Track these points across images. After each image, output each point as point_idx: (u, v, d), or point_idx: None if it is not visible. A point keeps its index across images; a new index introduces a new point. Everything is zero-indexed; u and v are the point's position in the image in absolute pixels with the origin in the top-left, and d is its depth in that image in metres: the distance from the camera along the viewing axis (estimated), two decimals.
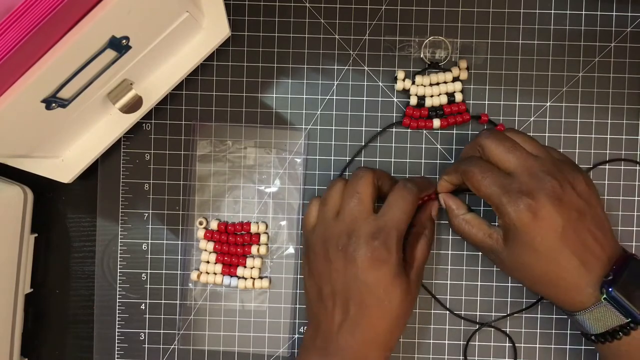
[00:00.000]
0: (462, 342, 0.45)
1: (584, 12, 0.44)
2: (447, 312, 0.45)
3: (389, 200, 0.39)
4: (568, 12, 0.44)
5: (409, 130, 0.45)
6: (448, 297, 0.45)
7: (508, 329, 0.44)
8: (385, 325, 0.38)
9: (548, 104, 0.44)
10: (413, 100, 0.44)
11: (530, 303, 0.44)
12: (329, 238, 0.39)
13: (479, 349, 0.45)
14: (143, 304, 0.45)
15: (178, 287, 0.45)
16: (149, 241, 0.45)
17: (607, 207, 0.44)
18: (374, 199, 0.39)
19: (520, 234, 0.36)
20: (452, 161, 0.45)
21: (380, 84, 0.45)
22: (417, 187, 0.40)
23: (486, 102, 0.44)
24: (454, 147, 0.45)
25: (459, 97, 0.44)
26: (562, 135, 0.44)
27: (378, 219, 0.38)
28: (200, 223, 0.45)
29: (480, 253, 0.44)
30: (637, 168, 0.44)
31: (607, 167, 0.44)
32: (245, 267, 0.44)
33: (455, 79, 0.44)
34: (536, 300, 0.44)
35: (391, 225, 0.38)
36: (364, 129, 0.45)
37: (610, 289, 0.35)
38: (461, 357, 0.45)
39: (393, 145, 0.45)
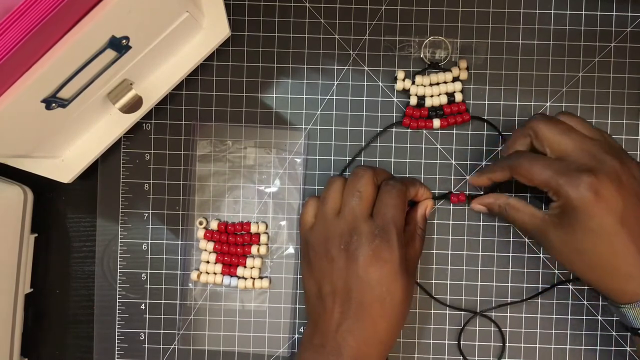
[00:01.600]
0: (462, 342, 0.45)
1: (584, 12, 0.44)
2: (447, 312, 0.45)
3: (378, 201, 0.39)
4: (568, 12, 0.44)
5: (409, 130, 0.45)
6: (448, 297, 0.45)
7: (508, 329, 0.44)
8: (386, 324, 0.38)
9: (548, 104, 0.44)
10: (413, 100, 0.44)
11: (530, 300, 0.44)
12: (330, 237, 0.39)
13: (478, 348, 0.45)
14: (143, 304, 0.45)
15: (178, 287, 0.45)
16: (149, 241, 0.45)
17: None
18: (374, 197, 0.40)
19: (579, 214, 0.35)
20: (452, 161, 0.45)
21: (380, 84, 0.45)
22: (400, 182, 0.40)
23: (486, 102, 0.44)
24: (454, 147, 0.45)
25: (459, 97, 0.44)
26: None
27: (376, 218, 0.38)
28: (200, 223, 0.45)
29: (479, 253, 0.44)
30: None
31: None
32: (245, 267, 0.44)
33: (455, 79, 0.44)
34: (535, 294, 0.44)
35: (388, 221, 0.38)
36: (364, 129, 0.45)
37: None
38: (460, 358, 0.45)
39: (393, 145, 0.45)
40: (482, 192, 0.44)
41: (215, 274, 0.44)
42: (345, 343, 0.37)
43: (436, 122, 0.44)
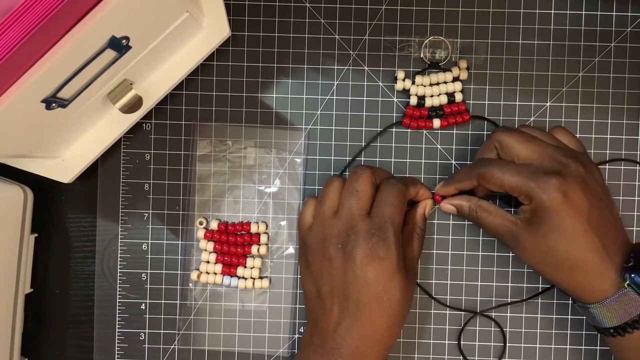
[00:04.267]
0: (462, 342, 0.45)
1: (584, 12, 0.44)
2: (447, 312, 0.45)
3: (377, 199, 0.39)
4: (568, 12, 0.44)
5: (409, 130, 0.45)
6: (448, 297, 0.45)
7: (508, 329, 0.44)
8: (384, 323, 0.38)
9: (548, 104, 0.44)
10: (413, 100, 0.44)
11: (530, 300, 0.44)
12: (328, 236, 0.39)
13: (479, 348, 0.45)
14: (143, 304, 0.45)
15: (178, 287, 0.45)
16: (149, 241, 0.45)
17: None
18: (372, 197, 0.40)
19: (550, 215, 0.36)
20: (452, 161, 0.45)
21: (380, 84, 0.45)
22: (401, 181, 0.40)
23: (486, 102, 0.44)
24: (454, 147, 0.45)
25: (459, 97, 0.44)
26: None
27: (374, 217, 0.38)
28: (200, 223, 0.45)
29: (479, 253, 0.44)
30: (637, 168, 0.44)
31: (607, 167, 0.44)
32: (245, 267, 0.44)
33: (455, 79, 0.44)
34: (535, 294, 0.44)
35: (385, 220, 0.38)
36: (364, 129, 0.45)
37: (633, 275, 0.36)
38: (460, 358, 0.45)
39: (393, 145, 0.45)
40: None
41: (215, 274, 0.44)
42: (344, 342, 0.37)
43: (436, 122, 0.44)
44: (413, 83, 0.44)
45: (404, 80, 0.44)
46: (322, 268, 0.39)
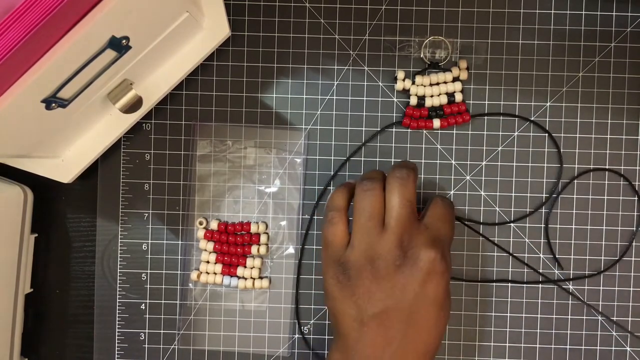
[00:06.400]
0: (461, 342, 0.45)
1: (584, 12, 0.44)
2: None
3: (434, 213, 0.38)
4: (568, 12, 0.44)
5: (409, 130, 0.45)
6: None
7: (508, 329, 0.44)
8: (438, 337, 0.36)
9: (548, 104, 0.44)
10: (413, 100, 0.44)
11: (530, 300, 0.44)
12: (380, 254, 0.36)
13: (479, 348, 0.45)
14: (143, 304, 0.45)
15: (178, 287, 0.45)
16: (149, 241, 0.45)
17: (607, 209, 0.44)
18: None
19: None
20: (452, 161, 0.45)
21: (380, 84, 0.45)
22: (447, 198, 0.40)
23: (486, 102, 0.44)
24: (454, 147, 0.45)
25: (459, 97, 0.44)
26: (562, 135, 0.44)
27: (430, 229, 0.37)
28: (200, 223, 0.45)
29: (479, 253, 0.45)
30: (638, 168, 0.44)
31: (607, 172, 0.44)
32: (245, 267, 0.44)
33: (455, 79, 0.44)
34: (535, 281, 0.44)
35: (444, 235, 0.37)
36: (364, 129, 0.45)
37: None
38: (461, 357, 0.45)
39: (393, 145, 0.45)
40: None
41: (215, 274, 0.44)
42: None
43: (436, 122, 0.44)
44: (413, 83, 0.44)
45: (404, 80, 0.44)
46: (371, 289, 0.35)
